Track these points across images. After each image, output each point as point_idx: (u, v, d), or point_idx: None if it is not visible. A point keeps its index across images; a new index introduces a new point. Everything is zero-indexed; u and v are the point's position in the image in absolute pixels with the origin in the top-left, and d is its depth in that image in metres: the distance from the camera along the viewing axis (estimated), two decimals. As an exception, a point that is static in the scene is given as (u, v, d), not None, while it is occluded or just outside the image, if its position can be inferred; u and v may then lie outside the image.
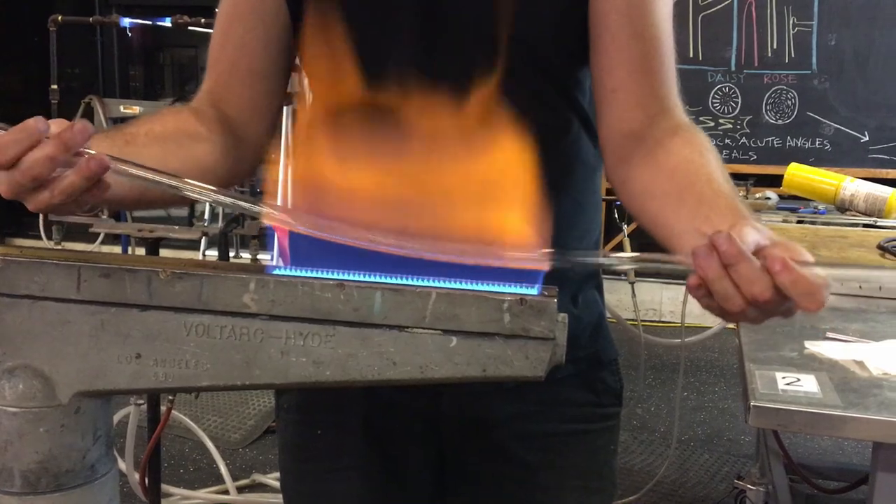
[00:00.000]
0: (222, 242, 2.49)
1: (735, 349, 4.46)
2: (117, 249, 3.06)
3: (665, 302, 4.96)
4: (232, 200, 0.66)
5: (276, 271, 0.62)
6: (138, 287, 0.61)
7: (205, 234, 2.42)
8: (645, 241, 4.90)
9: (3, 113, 6.42)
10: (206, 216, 4.30)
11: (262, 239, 2.65)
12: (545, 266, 0.61)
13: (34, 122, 0.67)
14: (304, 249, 0.64)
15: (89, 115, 3.03)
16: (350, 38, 0.91)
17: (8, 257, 0.61)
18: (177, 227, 2.16)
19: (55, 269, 0.61)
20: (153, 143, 0.84)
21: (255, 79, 0.97)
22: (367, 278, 0.61)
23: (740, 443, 3.31)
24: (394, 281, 0.60)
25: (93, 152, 0.68)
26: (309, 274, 0.61)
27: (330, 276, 0.61)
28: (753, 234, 0.63)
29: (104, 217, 2.32)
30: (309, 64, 0.97)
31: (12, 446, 0.62)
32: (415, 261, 0.61)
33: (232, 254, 3.77)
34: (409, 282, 0.60)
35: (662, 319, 4.96)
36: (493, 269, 0.61)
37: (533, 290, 0.60)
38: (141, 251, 2.27)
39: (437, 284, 0.60)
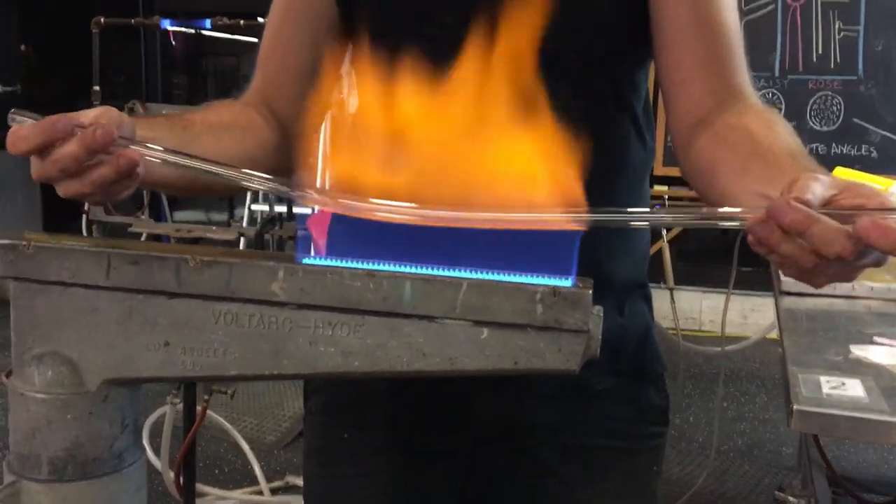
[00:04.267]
0: (259, 244, 2.50)
1: (776, 359, 4.38)
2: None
3: (705, 311, 4.88)
4: (265, 183, 0.66)
5: (305, 260, 0.61)
6: (167, 274, 0.60)
7: (241, 234, 2.43)
8: (682, 248, 4.82)
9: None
10: (245, 219, 4.33)
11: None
12: (582, 225, 0.58)
13: (57, 120, 0.68)
14: (340, 248, 0.62)
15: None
16: (390, 34, 0.90)
17: (38, 244, 0.61)
18: (214, 228, 2.18)
19: (85, 255, 0.61)
20: (208, 131, 0.87)
21: (304, 79, 0.98)
22: (396, 268, 0.60)
23: (781, 454, 3.24)
24: (424, 271, 0.59)
25: (127, 143, 0.68)
26: (338, 263, 0.60)
27: (359, 265, 0.60)
28: (817, 186, 0.58)
29: (143, 217, 2.34)
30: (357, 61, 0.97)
31: (40, 433, 0.62)
32: (449, 249, 0.59)
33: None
34: (440, 272, 0.59)
35: (702, 328, 4.88)
36: (527, 259, 0.59)
37: (567, 282, 0.59)
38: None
39: (468, 275, 0.59)
